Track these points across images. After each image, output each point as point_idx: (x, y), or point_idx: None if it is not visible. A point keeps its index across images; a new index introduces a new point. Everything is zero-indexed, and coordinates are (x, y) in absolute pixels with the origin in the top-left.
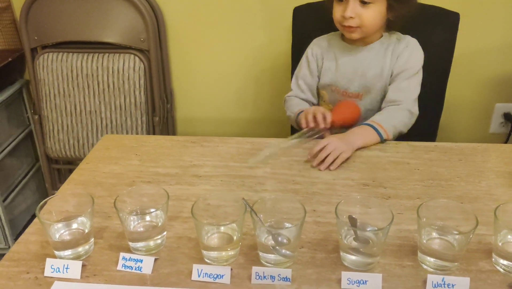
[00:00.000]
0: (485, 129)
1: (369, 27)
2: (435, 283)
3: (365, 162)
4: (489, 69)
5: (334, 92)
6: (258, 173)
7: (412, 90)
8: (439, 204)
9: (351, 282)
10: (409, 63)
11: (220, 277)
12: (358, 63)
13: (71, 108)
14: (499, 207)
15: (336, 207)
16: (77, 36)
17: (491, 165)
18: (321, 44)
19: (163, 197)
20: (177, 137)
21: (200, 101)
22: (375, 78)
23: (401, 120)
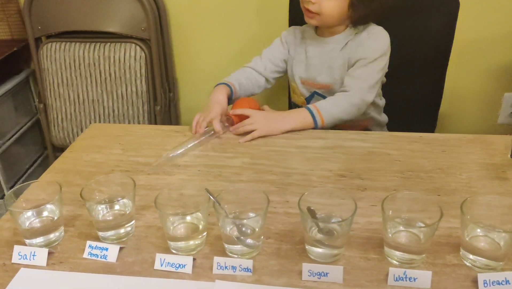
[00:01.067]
0: (493, 120)
1: (328, 17)
2: (396, 276)
3: (346, 152)
4: (497, 58)
5: (304, 84)
6: (236, 163)
7: (366, 78)
8: (405, 196)
9: (312, 274)
10: (367, 52)
11: (182, 266)
12: (325, 55)
13: (74, 97)
14: (465, 201)
15: (299, 199)
16: (79, 25)
17: (475, 157)
18: (296, 34)
19: (131, 186)
20: (162, 127)
21: (204, 89)
22: (340, 69)
23: (344, 108)
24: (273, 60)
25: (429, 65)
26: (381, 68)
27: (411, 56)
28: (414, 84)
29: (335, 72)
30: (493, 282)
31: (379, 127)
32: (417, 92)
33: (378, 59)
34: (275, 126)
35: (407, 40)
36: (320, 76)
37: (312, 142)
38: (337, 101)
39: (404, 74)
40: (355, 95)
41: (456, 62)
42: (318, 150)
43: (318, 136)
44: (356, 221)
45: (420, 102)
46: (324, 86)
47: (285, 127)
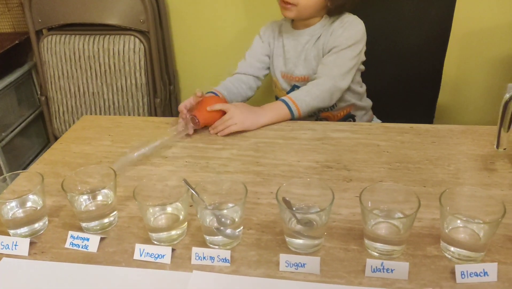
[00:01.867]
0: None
1: (304, 8)
2: (374, 267)
3: (334, 143)
4: (501, 48)
5: (284, 78)
6: (224, 154)
7: (338, 64)
8: (384, 187)
9: (289, 264)
10: (340, 39)
11: (161, 257)
12: (301, 47)
13: (74, 90)
14: (444, 192)
15: (277, 190)
16: (79, 18)
17: (465, 148)
18: (273, 29)
19: (112, 177)
20: (153, 119)
21: (205, 82)
22: (315, 60)
23: (317, 95)
24: (257, 58)
25: (427, 55)
26: (354, 56)
27: (408, 45)
28: (411, 75)
29: (311, 63)
30: (471, 273)
31: (364, 111)
32: (415, 83)
33: (352, 46)
34: (252, 121)
35: (404, 29)
36: (297, 69)
37: (301, 134)
38: (310, 90)
39: (401, 64)
40: (327, 82)
41: (456, 52)
42: (307, 141)
43: (308, 127)
44: (339, 212)
45: (418, 93)
46: (302, 79)
47: (262, 121)
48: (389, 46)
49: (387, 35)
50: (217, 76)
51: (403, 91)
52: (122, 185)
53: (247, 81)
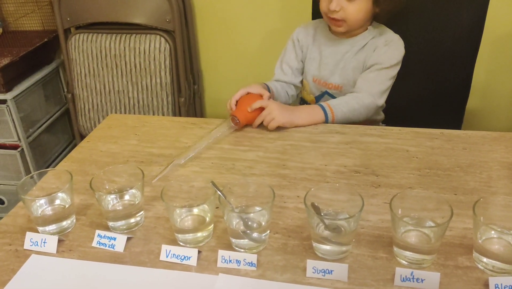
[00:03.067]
0: None
1: (354, 21)
2: (403, 277)
3: (363, 148)
4: None
5: (315, 83)
6: (249, 156)
7: (378, 82)
8: (416, 194)
9: (316, 271)
10: (383, 57)
11: (187, 258)
12: (340, 56)
13: (100, 88)
14: (478, 201)
15: (305, 195)
16: (106, 17)
17: (498, 155)
18: (308, 32)
19: (140, 177)
20: (179, 119)
21: (229, 82)
22: (354, 71)
23: (355, 108)
24: (291, 65)
25: (457, 59)
26: (394, 75)
27: (438, 49)
28: (441, 79)
29: (348, 74)
30: (505, 286)
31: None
32: (444, 87)
33: (393, 66)
34: (288, 119)
35: (435, 33)
36: (333, 77)
37: (329, 137)
38: (349, 102)
39: (431, 68)
40: (366, 98)
41: (487, 56)
42: (335, 145)
43: (336, 130)
44: (367, 218)
45: (447, 97)
46: (336, 87)
47: (297, 122)
48: (419, 50)
49: (418, 39)
50: (241, 76)
51: (432, 96)
52: (149, 184)
53: (288, 89)
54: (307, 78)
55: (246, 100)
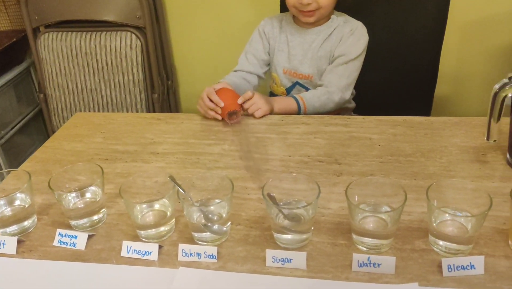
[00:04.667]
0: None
1: (327, 8)
2: (360, 262)
3: (327, 137)
4: (498, 38)
5: (286, 74)
6: (215, 150)
7: (346, 76)
8: (371, 181)
9: (275, 260)
10: (349, 48)
11: (148, 253)
12: (307, 46)
13: (72, 87)
14: (431, 186)
15: (263, 186)
16: (75, 15)
17: (458, 140)
18: (274, 24)
19: (99, 174)
20: (145, 115)
21: (203, 76)
22: (322, 60)
23: (325, 104)
24: (258, 56)
25: (423, 47)
26: (360, 66)
27: (404, 37)
28: (408, 68)
29: (317, 63)
30: (458, 266)
31: (348, 112)
32: (412, 74)
33: (359, 57)
34: (269, 106)
35: (401, 22)
36: (302, 67)
37: (294, 128)
38: (320, 97)
39: (398, 57)
40: (336, 93)
41: (454, 43)
42: (299, 136)
43: (301, 121)
44: (328, 206)
45: (415, 85)
46: (306, 77)
47: (276, 108)
48: (385, 39)
49: (384, 28)
50: (215, 70)
51: (400, 85)
52: (113, 182)
53: (250, 79)
54: (277, 71)
55: (225, 94)
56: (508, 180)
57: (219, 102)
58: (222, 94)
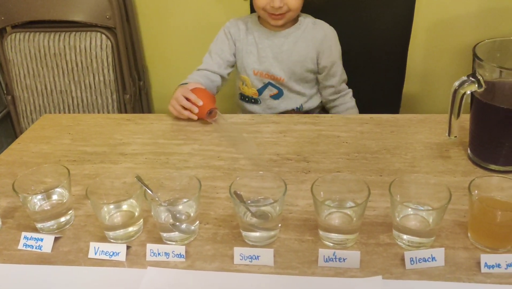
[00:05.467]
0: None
1: (296, 11)
2: (326, 257)
3: (296, 136)
4: (465, 37)
5: (257, 76)
6: (184, 150)
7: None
8: (338, 177)
9: (243, 257)
10: (334, 55)
11: (116, 254)
12: (277, 49)
13: (41, 88)
14: (394, 181)
15: (230, 185)
16: (43, 15)
17: (422, 136)
18: (239, 27)
19: (66, 175)
20: (114, 116)
21: (176, 77)
22: (297, 65)
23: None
24: (223, 57)
25: (391, 47)
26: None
27: (372, 37)
28: (376, 67)
29: (290, 67)
30: (420, 259)
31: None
32: (380, 74)
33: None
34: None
35: (368, 22)
36: (274, 69)
37: (264, 128)
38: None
39: (366, 56)
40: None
41: (422, 42)
42: (269, 134)
43: (271, 120)
44: (296, 203)
45: (384, 84)
46: (278, 79)
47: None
48: (352, 39)
49: (350, 28)
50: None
51: (369, 83)
52: (81, 183)
53: (214, 79)
54: (247, 72)
55: (200, 93)
56: (469, 174)
57: (198, 101)
58: (198, 94)
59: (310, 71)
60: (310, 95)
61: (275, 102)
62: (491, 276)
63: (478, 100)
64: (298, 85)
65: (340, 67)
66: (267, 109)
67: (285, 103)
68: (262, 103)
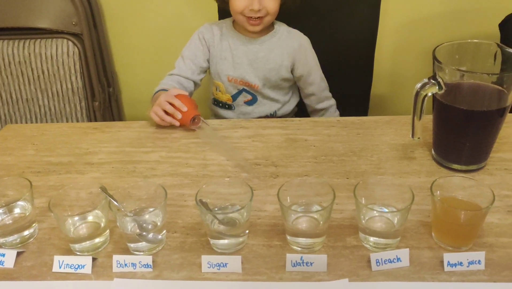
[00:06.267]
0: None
1: (273, 16)
2: (294, 262)
3: (264, 140)
4: (431, 38)
5: (231, 82)
6: (152, 157)
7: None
8: (305, 181)
9: (211, 265)
10: (311, 64)
11: (81, 267)
12: (253, 56)
13: (6, 97)
14: (358, 184)
15: (196, 193)
16: (6, 22)
17: (388, 138)
18: (214, 32)
19: (28, 188)
20: (80, 124)
21: (146, 82)
22: (272, 73)
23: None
24: (196, 62)
25: (358, 49)
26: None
27: (339, 42)
28: (344, 69)
29: (265, 75)
30: (385, 260)
31: (290, 116)
32: (348, 76)
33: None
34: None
35: (334, 25)
36: (248, 75)
37: (232, 133)
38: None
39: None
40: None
41: (389, 44)
42: (238, 140)
43: (240, 125)
44: (264, 208)
45: (352, 86)
46: (252, 86)
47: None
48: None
49: (317, 31)
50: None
51: (337, 86)
52: (45, 195)
53: (187, 85)
54: (221, 79)
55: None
56: (433, 174)
57: (182, 106)
58: (181, 100)
59: (284, 80)
60: (284, 101)
61: (249, 108)
62: (454, 274)
63: (439, 102)
64: (272, 92)
65: (319, 74)
66: (241, 115)
67: (259, 109)
68: (236, 109)
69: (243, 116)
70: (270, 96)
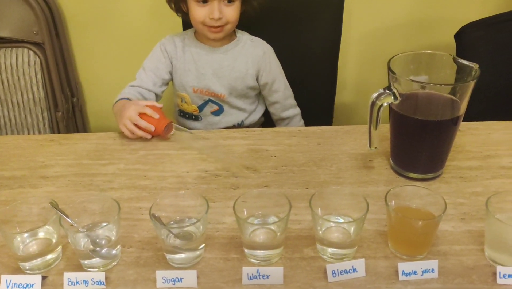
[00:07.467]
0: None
1: (233, 24)
2: (250, 275)
3: (225, 151)
4: (396, 46)
5: (197, 93)
6: (110, 170)
7: (290, 92)
8: (257, 194)
9: (166, 280)
10: (275, 71)
11: (30, 286)
12: (217, 65)
13: None
14: (314, 195)
15: (150, 208)
16: None
17: (347, 148)
18: (176, 44)
19: None
20: (36, 137)
21: (111, 92)
22: (236, 80)
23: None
24: (158, 74)
25: (321, 60)
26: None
27: (302, 52)
28: (307, 79)
29: (230, 83)
30: (341, 271)
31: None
32: (311, 86)
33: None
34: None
35: (296, 35)
36: (214, 86)
37: (193, 144)
38: (297, 121)
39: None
40: (298, 115)
41: (353, 53)
42: (198, 151)
43: (201, 136)
44: (223, 221)
45: (316, 96)
46: (218, 96)
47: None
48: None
49: (280, 41)
50: (123, 85)
51: (301, 96)
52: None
53: (148, 97)
54: (186, 90)
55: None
56: (391, 183)
57: (154, 114)
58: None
59: (250, 88)
60: (250, 110)
61: (216, 118)
62: (408, 284)
63: (395, 112)
64: (238, 101)
65: (283, 82)
66: (208, 125)
67: (226, 119)
68: (203, 119)
69: (210, 126)
70: (236, 106)
